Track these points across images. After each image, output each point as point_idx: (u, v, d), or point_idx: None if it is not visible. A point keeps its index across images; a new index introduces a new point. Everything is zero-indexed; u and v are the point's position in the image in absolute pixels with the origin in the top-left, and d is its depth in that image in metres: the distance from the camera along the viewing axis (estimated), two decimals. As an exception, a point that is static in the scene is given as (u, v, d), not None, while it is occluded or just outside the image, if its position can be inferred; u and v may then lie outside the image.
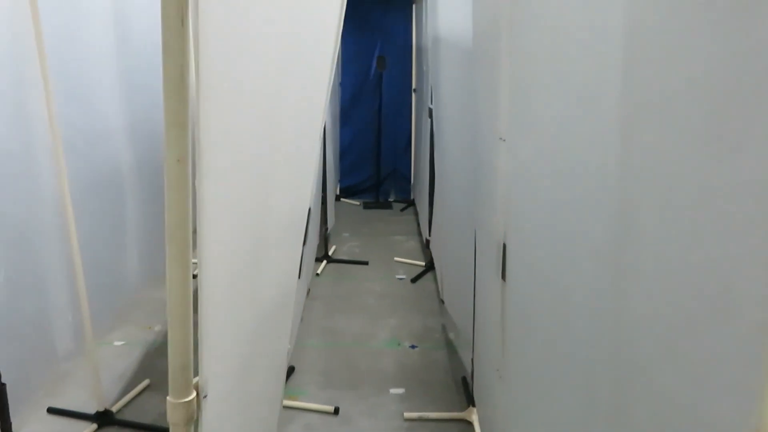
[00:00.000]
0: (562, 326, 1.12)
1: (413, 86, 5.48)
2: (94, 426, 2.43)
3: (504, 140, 1.37)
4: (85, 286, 2.25)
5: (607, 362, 0.97)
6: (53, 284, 2.32)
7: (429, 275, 4.07)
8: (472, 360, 2.43)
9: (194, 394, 0.71)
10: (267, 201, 1.00)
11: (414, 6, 5.21)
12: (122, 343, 3.14)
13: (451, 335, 3.27)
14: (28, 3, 1.97)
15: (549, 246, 1.16)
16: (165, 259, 0.71)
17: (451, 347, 3.17)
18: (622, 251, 0.89)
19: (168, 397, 0.70)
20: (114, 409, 2.51)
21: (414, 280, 4.01)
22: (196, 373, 0.84)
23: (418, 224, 5.11)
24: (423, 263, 4.23)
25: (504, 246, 1.41)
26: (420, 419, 2.55)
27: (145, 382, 2.74)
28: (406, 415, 2.56)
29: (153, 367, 2.91)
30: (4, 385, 1.53)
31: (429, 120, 3.96)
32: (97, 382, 2.42)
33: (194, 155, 0.65)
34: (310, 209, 1.61)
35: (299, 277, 1.78)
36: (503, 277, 1.43)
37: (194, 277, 0.74)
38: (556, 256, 1.13)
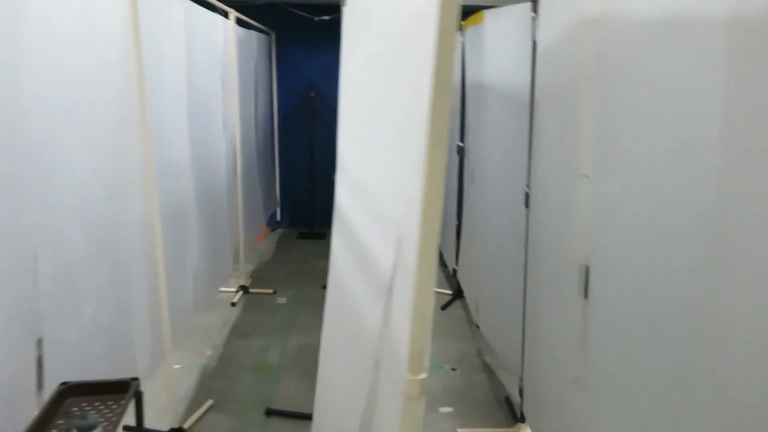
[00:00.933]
0: (655, 331, 1.34)
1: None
2: (171, 442, 2.58)
3: (588, 177, 1.61)
4: (158, 311, 2.44)
5: (703, 360, 1.19)
6: (138, 307, 2.51)
7: (457, 303, 4.28)
8: (521, 378, 2.63)
9: (426, 373, 0.92)
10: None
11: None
12: (179, 366, 3.30)
13: (488, 358, 3.47)
14: (133, 55, 2.22)
15: (640, 267, 1.39)
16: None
17: (488, 369, 3.36)
18: (717, 269, 1.12)
19: (407, 375, 0.91)
20: (185, 426, 2.67)
21: (444, 308, 4.21)
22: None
23: (441, 254, 5.33)
24: (450, 291, 4.44)
25: (587, 268, 1.64)
26: (474, 434, 2.73)
27: (209, 402, 2.90)
28: (459, 431, 2.74)
29: (212, 389, 3.07)
30: (141, 393, 1.71)
31: (457, 157, 4.23)
32: (173, 400, 2.58)
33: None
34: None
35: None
36: (585, 295, 1.65)
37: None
38: (648, 275, 1.36)
